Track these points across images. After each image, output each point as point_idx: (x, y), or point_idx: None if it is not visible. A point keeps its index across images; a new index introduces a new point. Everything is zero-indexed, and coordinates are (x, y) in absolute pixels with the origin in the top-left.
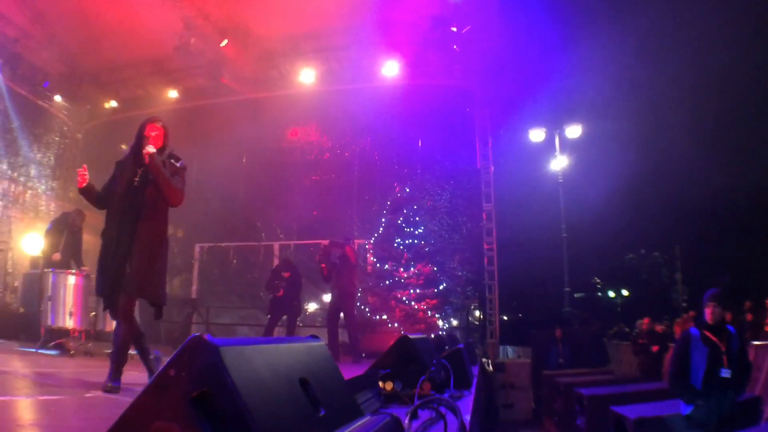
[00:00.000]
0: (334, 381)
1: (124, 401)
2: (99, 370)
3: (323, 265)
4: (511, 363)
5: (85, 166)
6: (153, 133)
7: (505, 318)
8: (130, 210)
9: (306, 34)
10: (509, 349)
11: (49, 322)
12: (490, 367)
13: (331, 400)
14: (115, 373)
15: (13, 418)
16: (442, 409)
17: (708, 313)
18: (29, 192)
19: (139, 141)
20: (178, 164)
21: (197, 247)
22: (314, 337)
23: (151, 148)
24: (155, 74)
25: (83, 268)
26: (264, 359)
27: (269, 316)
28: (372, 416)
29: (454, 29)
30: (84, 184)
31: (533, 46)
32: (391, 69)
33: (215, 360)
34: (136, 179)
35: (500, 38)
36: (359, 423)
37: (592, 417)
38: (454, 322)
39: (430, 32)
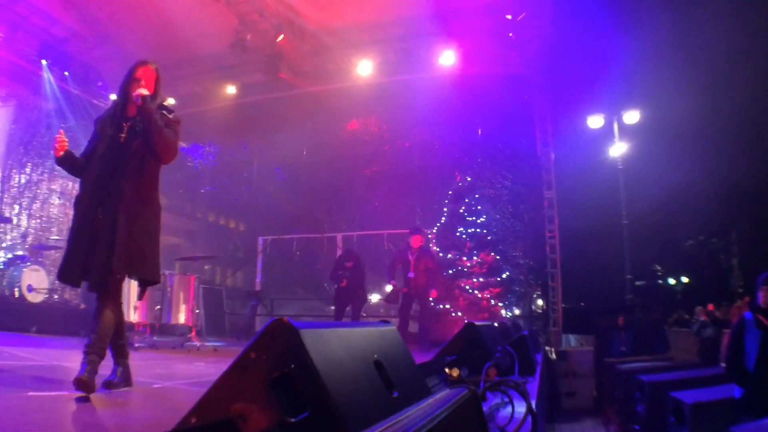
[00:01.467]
0: (406, 364)
1: (191, 390)
2: (165, 362)
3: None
4: (573, 351)
5: (61, 131)
6: (142, 78)
7: (567, 306)
8: (114, 171)
9: (362, 26)
10: (571, 338)
11: None
12: (553, 356)
13: (403, 382)
14: (92, 366)
15: (88, 411)
16: (511, 393)
17: (761, 296)
18: None
19: (127, 87)
20: (170, 116)
21: (260, 240)
22: (385, 322)
23: (143, 90)
24: (213, 71)
25: None
26: (341, 342)
27: (335, 307)
28: (451, 389)
29: (509, 17)
30: (61, 152)
31: (590, 30)
32: (447, 58)
33: (296, 342)
34: (122, 135)
35: (556, 24)
36: (440, 395)
37: (652, 403)
38: (517, 311)
39: (485, 20)
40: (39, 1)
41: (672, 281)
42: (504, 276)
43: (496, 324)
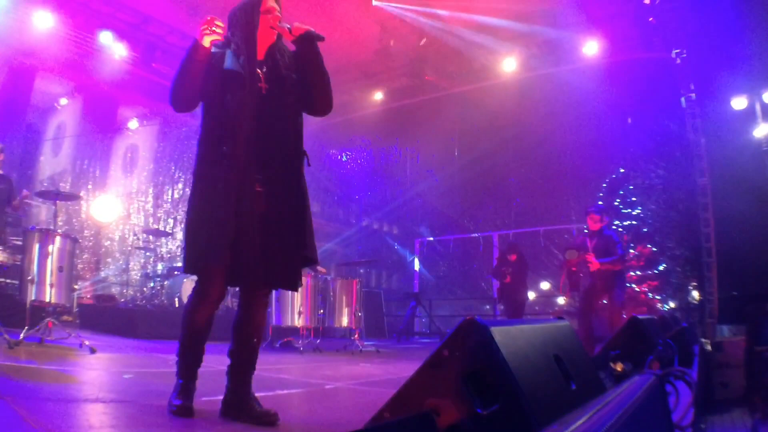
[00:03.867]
0: (581, 358)
1: (361, 390)
2: (331, 363)
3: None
4: (726, 342)
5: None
6: (275, 13)
7: (722, 296)
8: (269, 132)
9: (504, 22)
10: (724, 328)
11: (275, 322)
12: (709, 347)
13: (579, 375)
14: (248, 382)
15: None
16: (677, 383)
17: None
18: None
19: (251, 20)
20: None
21: (416, 242)
22: (560, 318)
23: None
24: (359, 78)
25: (319, 268)
26: (524, 338)
27: (503, 305)
28: (638, 376)
29: (647, 1)
30: (210, 42)
31: (727, 8)
32: (591, 48)
33: (487, 339)
34: (262, 84)
35: (696, 5)
36: (629, 382)
37: None
38: (672, 303)
39: (624, 6)
40: (173, 20)
41: None
42: (661, 268)
43: (656, 317)
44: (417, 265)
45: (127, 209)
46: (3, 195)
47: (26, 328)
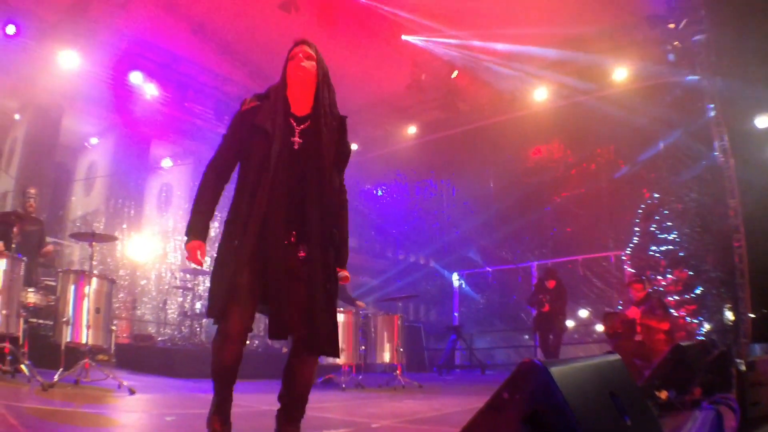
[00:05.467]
0: (634, 392)
1: (409, 429)
2: (374, 400)
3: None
4: (759, 360)
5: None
6: (303, 57)
7: (753, 316)
8: (301, 190)
9: (532, 52)
10: (756, 347)
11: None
12: (743, 367)
13: (633, 410)
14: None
15: None
16: (716, 408)
17: None
18: None
19: (284, 71)
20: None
21: (455, 275)
22: (611, 353)
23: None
24: (392, 113)
25: (359, 303)
26: (582, 376)
27: (537, 333)
28: (699, 411)
29: (672, 26)
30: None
31: (746, 27)
32: (620, 74)
33: (547, 380)
34: (295, 139)
35: (716, 26)
36: (694, 419)
37: None
38: (707, 326)
39: (649, 32)
40: (203, 60)
41: None
42: (698, 292)
43: (696, 343)
44: (456, 298)
45: (163, 248)
46: (34, 237)
47: (61, 369)
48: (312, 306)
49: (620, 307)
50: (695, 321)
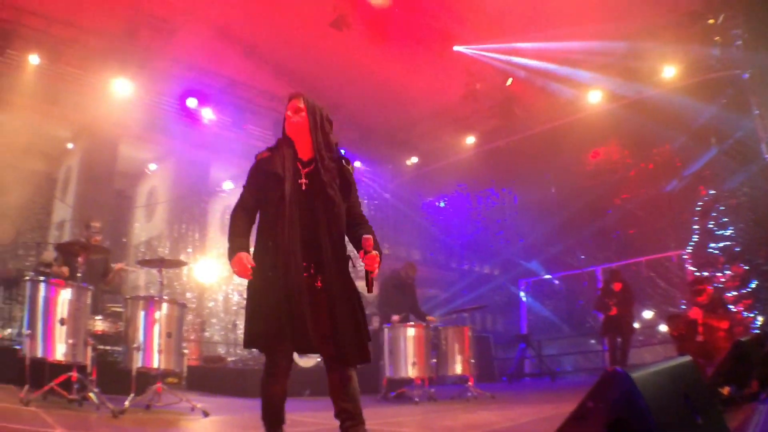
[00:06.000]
0: (704, 392)
1: None
2: (448, 413)
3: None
4: None
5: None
6: (291, 114)
7: None
8: (313, 226)
9: (584, 54)
10: None
11: (389, 374)
12: None
13: (703, 409)
14: None
15: None
16: None
17: None
18: None
19: (283, 124)
20: (349, 166)
21: (521, 283)
22: (682, 354)
23: (295, 116)
24: (449, 124)
25: (429, 318)
26: (660, 381)
27: (605, 338)
28: (761, 404)
29: (711, 21)
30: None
31: None
32: (669, 72)
33: (630, 387)
34: (303, 181)
35: (753, 20)
36: (759, 410)
37: None
38: (760, 318)
39: (691, 28)
40: (259, 82)
41: None
42: (753, 286)
43: (754, 337)
44: (523, 306)
45: (229, 270)
46: (99, 265)
47: (132, 395)
48: (335, 325)
49: (683, 307)
50: (751, 315)
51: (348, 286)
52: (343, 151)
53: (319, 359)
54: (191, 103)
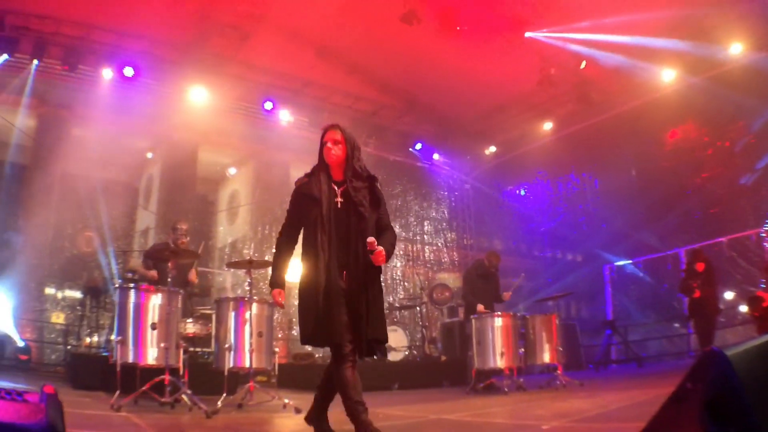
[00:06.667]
0: None
1: (580, 428)
2: (539, 402)
3: None
4: None
5: (277, 297)
6: (331, 145)
7: None
8: (348, 236)
9: (653, 33)
10: None
11: (478, 365)
12: None
13: None
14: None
15: None
16: None
17: None
18: (427, 248)
19: (320, 153)
20: (377, 183)
21: (605, 268)
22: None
23: (336, 149)
24: (525, 111)
25: (504, 294)
26: (755, 359)
27: (693, 322)
28: None
29: None
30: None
31: None
32: (735, 49)
33: (725, 367)
34: (338, 199)
35: None
36: None
37: None
38: None
39: (749, 3)
40: (333, 81)
41: None
42: None
43: None
44: (609, 292)
45: None
46: (188, 270)
47: (224, 395)
48: (356, 320)
49: (763, 286)
50: None
51: (371, 282)
52: (419, 146)
53: (406, 352)
54: (267, 105)
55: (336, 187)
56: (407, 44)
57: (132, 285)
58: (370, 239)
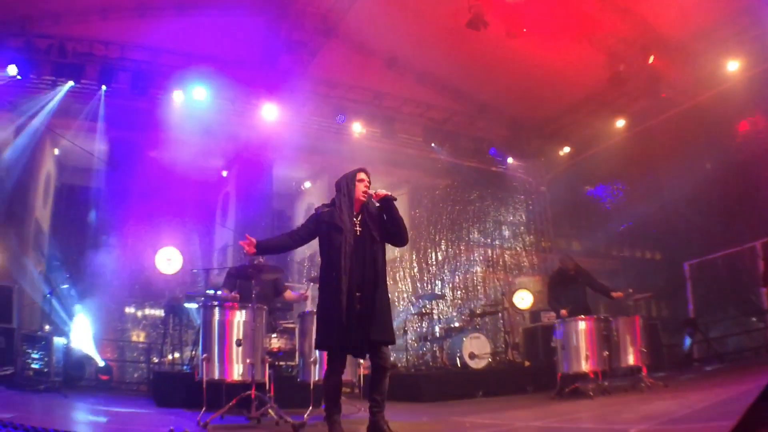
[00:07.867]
0: None
1: (669, 430)
2: (625, 405)
3: None
4: None
5: (247, 236)
6: (366, 185)
7: None
8: (364, 261)
9: (719, 23)
10: None
11: (563, 370)
12: None
13: None
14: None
15: None
16: None
17: None
18: (507, 253)
19: (352, 188)
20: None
21: (685, 266)
22: None
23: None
24: (597, 110)
25: (614, 294)
26: None
27: None
28: None
29: None
30: (253, 248)
31: None
32: None
33: None
34: (357, 228)
35: None
36: None
37: None
38: None
39: None
40: (404, 91)
41: None
42: None
43: None
44: (689, 289)
45: (392, 276)
46: (271, 285)
47: (310, 408)
48: (366, 332)
49: None
50: None
51: (380, 298)
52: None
53: (490, 359)
54: (339, 119)
55: (355, 219)
56: (475, 49)
57: (216, 303)
58: (373, 192)
